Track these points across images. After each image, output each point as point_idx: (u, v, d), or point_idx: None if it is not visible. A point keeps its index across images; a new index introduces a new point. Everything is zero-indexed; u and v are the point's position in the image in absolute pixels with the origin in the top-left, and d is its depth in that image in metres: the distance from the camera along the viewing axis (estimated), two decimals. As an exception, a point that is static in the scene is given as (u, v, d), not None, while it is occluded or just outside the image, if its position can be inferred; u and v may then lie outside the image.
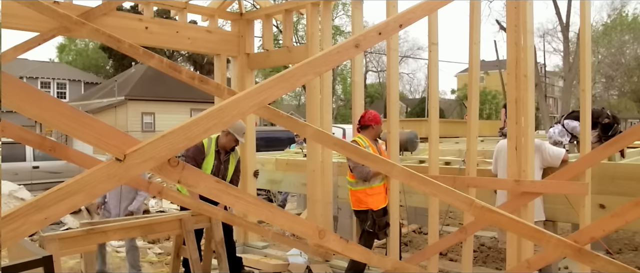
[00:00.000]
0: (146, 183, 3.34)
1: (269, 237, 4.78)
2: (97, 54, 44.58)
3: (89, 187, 1.60)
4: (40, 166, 11.95)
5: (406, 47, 46.46)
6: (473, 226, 3.98)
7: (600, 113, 5.59)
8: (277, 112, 2.46)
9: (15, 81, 1.52)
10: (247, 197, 2.10)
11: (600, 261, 2.40)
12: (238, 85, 6.11)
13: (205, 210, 3.67)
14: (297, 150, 10.17)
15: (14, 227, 1.47)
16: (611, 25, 37.41)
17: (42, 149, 3.10)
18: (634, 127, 4.16)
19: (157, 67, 2.75)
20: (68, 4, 4.72)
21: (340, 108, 42.19)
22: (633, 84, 38.74)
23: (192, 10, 5.89)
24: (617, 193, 4.29)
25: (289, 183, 7.32)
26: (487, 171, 5.15)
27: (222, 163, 5.06)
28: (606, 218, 2.56)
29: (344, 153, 2.50)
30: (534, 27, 4.43)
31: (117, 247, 6.84)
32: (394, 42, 4.70)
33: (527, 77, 3.85)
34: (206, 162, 4.99)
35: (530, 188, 3.82)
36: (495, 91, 41.08)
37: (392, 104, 4.65)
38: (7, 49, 4.01)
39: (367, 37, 2.24)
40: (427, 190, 2.42)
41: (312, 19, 5.45)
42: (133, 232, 3.97)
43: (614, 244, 6.63)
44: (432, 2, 2.60)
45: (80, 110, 1.78)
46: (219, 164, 5.04)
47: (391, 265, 2.77)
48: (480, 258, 6.28)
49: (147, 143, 1.69)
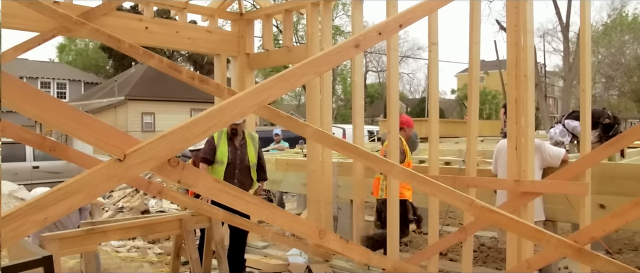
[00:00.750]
0: (146, 183, 3.34)
1: (269, 237, 4.78)
2: (97, 54, 44.58)
3: (89, 187, 1.60)
4: (40, 166, 11.96)
5: (406, 47, 46.50)
6: (473, 226, 3.97)
7: (601, 113, 5.60)
8: (277, 112, 2.46)
9: (15, 81, 1.52)
10: (247, 197, 2.10)
11: (600, 261, 2.40)
12: (238, 85, 6.11)
13: (205, 210, 3.67)
14: (275, 149, 10.47)
15: (14, 227, 1.47)
16: (611, 25, 37.42)
17: (42, 149, 3.10)
18: (634, 127, 4.16)
19: (157, 67, 2.75)
20: (68, 4, 4.72)
21: (340, 108, 42.19)
22: (633, 84, 38.74)
23: (192, 10, 5.89)
24: (617, 193, 4.29)
25: (289, 183, 7.32)
26: (487, 171, 5.15)
27: (238, 148, 5.18)
28: (606, 218, 2.56)
29: (344, 153, 2.49)
30: (534, 27, 4.43)
31: (117, 247, 6.84)
32: (394, 42, 4.70)
33: (527, 77, 3.85)
34: (220, 151, 5.12)
35: (530, 188, 3.81)
36: (495, 91, 41.06)
37: (392, 104, 4.65)
38: (7, 49, 4.01)
39: (367, 37, 2.24)
40: (427, 190, 2.42)
41: (312, 19, 5.45)
42: (133, 231, 3.97)
43: (614, 244, 6.63)
44: (432, 2, 2.60)
45: (80, 110, 1.78)
46: (234, 150, 5.16)
47: (391, 265, 2.77)
48: (480, 258, 6.28)
49: (147, 143, 1.69)
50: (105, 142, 1.64)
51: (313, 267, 5.31)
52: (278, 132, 11.79)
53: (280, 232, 5.05)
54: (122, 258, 6.31)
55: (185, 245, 4.16)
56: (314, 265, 5.33)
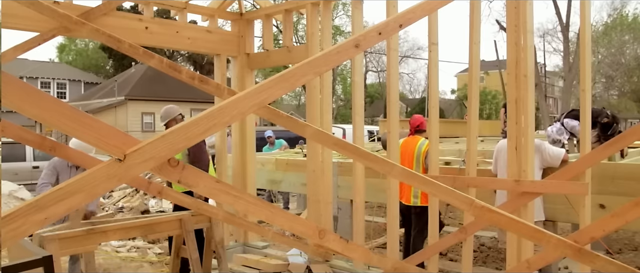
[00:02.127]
0: (146, 183, 3.34)
1: (269, 237, 4.78)
2: (97, 54, 44.59)
3: (89, 187, 1.60)
4: (40, 166, 11.95)
5: (406, 47, 46.52)
6: (473, 226, 3.97)
7: (599, 112, 5.60)
8: (277, 112, 2.45)
9: (15, 81, 1.52)
10: (247, 197, 2.10)
11: (600, 261, 2.40)
12: (238, 85, 6.11)
13: (205, 210, 3.67)
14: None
15: (14, 227, 1.47)
16: (611, 25, 37.42)
17: (42, 149, 3.09)
18: (634, 127, 4.16)
19: (157, 67, 2.75)
20: (68, 4, 4.72)
21: (340, 108, 42.19)
22: (633, 84, 38.76)
23: (192, 10, 5.88)
24: (617, 193, 4.29)
25: (289, 183, 7.32)
26: (487, 171, 5.15)
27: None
28: (606, 218, 2.56)
29: (344, 153, 2.49)
30: (534, 27, 4.43)
31: (117, 247, 6.84)
32: (394, 42, 4.70)
33: (527, 77, 3.84)
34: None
35: (530, 188, 3.81)
36: (495, 91, 41.07)
37: (392, 104, 4.65)
38: (7, 49, 4.00)
39: (367, 37, 2.24)
40: (427, 190, 2.42)
41: (312, 19, 5.45)
42: (133, 232, 3.97)
43: (614, 244, 6.63)
44: (432, 2, 2.60)
45: (80, 110, 1.78)
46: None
47: (391, 265, 2.76)
48: (480, 258, 6.29)
49: (147, 143, 1.69)
50: (105, 142, 1.64)
51: (313, 267, 5.31)
52: (270, 134, 11.34)
53: (280, 232, 5.05)
54: (122, 258, 6.31)
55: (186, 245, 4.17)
56: (314, 265, 5.33)
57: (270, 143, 11.18)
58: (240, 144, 6.13)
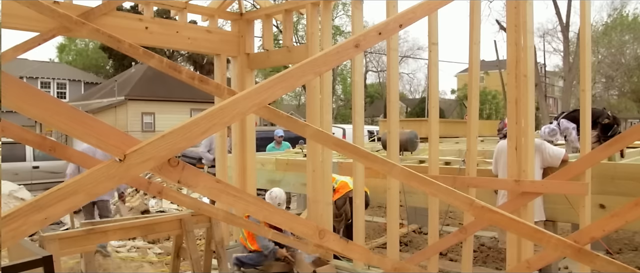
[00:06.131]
0: (146, 183, 3.33)
1: (269, 237, 4.77)
2: (97, 54, 44.58)
3: (89, 187, 1.60)
4: (40, 166, 11.97)
5: (406, 47, 46.50)
6: (473, 226, 3.97)
7: (600, 113, 5.59)
8: (277, 112, 2.45)
9: (15, 81, 1.52)
10: (246, 197, 2.10)
11: (600, 261, 2.40)
12: (238, 85, 6.11)
13: (205, 210, 3.67)
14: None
15: (14, 227, 1.47)
16: (611, 25, 37.42)
17: (42, 149, 3.09)
18: (634, 127, 4.16)
19: (157, 67, 2.74)
20: (68, 4, 4.72)
21: (340, 108, 42.19)
22: (633, 84, 38.76)
23: (192, 10, 5.88)
24: (617, 193, 4.29)
25: (289, 183, 7.31)
26: (487, 171, 5.15)
27: None
28: (606, 218, 2.56)
29: (344, 153, 2.49)
30: (534, 27, 4.43)
31: (117, 247, 6.84)
32: (394, 42, 4.70)
33: (527, 77, 3.85)
34: None
35: (530, 189, 3.81)
36: (495, 91, 41.06)
37: (392, 104, 4.65)
38: (7, 49, 4.00)
39: (367, 37, 2.24)
40: (427, 190, 2.41)
41: (312, 19, 5.45)
42: (133, 231, 3.97)
43: (614, 244, 6.63)
44: (432, 2, 2.60)
45: (80, 110, 1.78)
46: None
47: (391, 265, 2.76)
48: (480, 258, 6.28)
49: (147, 143, 1.68)
50: (105, 142, 1.64)
51: (318, 268, 5.31)
52: (281, 133, 10.89)
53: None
54: (122, 258, 6.31)
55: (186, 245, 4.17)
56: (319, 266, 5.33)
57: (277, 143, 10.79)
58: (240, 144, 6.13)
